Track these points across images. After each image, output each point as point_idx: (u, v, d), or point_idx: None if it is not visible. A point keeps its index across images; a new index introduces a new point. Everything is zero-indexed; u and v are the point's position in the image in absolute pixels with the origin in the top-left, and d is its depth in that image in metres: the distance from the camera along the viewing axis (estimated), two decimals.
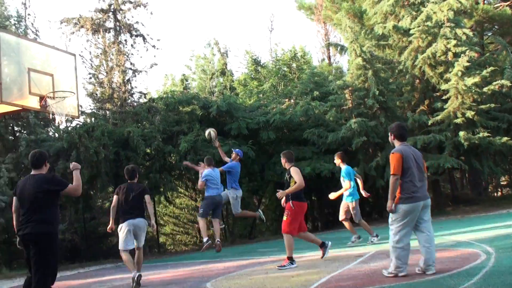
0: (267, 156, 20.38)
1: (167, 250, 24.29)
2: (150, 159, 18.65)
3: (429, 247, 6.41)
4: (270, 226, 25.58)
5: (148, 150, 18.44)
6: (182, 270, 10.73)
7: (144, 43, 20.14)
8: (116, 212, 8.79)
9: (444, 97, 18.49)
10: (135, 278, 8.11)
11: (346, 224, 11.41)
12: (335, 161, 11.54)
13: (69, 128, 17.67)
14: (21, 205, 6.11)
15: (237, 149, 12.41)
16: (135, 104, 20.07)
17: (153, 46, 20.30)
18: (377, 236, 10.98)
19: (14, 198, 6.26)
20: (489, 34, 25.34)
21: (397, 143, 6.60)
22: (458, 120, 17.65)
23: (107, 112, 19.63)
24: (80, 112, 15.01)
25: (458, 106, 17.74)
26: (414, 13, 20.09)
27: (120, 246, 8.55)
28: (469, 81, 17.36)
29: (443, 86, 18.42)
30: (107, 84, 19.82)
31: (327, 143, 18.75)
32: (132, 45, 20.08)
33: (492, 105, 17.95)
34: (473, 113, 17.55)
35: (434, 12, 18.94)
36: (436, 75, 19.08)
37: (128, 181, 8.92)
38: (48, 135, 17.80)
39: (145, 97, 20.67)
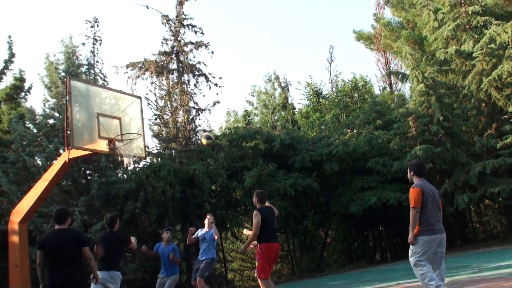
0: (332, 187, 20.27)
1: (236, 286, 24.29)
2: (215, 196, 18.86)
3: (442, 278, 6.56)
4: (338, 259, 25.26)
5: (213, 187, 18.66)
6: None
7: (207, 82, 20.61)
8: None
9: None
10: None
11: None
12: None
13: (137, 169, 18.14)
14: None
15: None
16: (200, 142, 20.44)
17: (215, 84, 20.73)
18: None
19: (39, 251, 6.51)
20: None
21: (416, 179, 6.79)
22: None
23: (173, 151, 20.06)
24: (147, 153, 15.44)
25: None
26: (476, 36, 19.75)
27: None
28: None
29: (511, 109, 17.90)
30: (172, 124, 20.29)
31: (392, 172, 18.48)
32: (195, 85, 20.60)
33: None
34: None
35: (498, 34, 18.55)
36: (503, 97, 18.57)
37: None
38: (117, 177, 18.30)
39: None
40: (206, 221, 10.76)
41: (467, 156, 18.37)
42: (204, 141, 12.15)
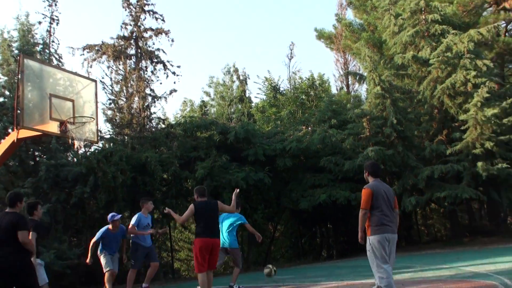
0: (283, 183, 20.39)
1: (182, 276, 24.20)
2: (166, 184, 18.71)
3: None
4: (285, 253, 25.45)
5: (165, 176, 18.50)
6: None
7: (165, 70, 20.38)
8: None
9: (462, 128, 18.38)
10: None
11: None
12: None
13: (88, 153, 17.82)
14: None
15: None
16: (154, 129, 20.22)
17: (173, 73, 20.52)
18: None
19: None
20: (510, 66, 25.24)
21: (370, 179, 6.97)
22: (477, 151, 17.51)
23: (126, 137, 19.78)
24: (99, 137, 15.19)
25: (477, 136, 17.63)
26: (434, 44, 20.13)
27: None
28: (489, 111, 17.26)
29: (462, 117, 18.34)
30: (126, 110, 20.01)
31: (344, 171, 18.72)
32: (152, 72, 20.33)
33: None
34: (492, 144, 17.40)
35: (455, 43, 18.95)
36: (455, 105, 19.01)
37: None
38: (67, 160, 17.94)
39: (163, 123, 20.83)
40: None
41: (417, 160, 18.77)
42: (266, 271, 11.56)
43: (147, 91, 20.15)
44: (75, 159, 18.21)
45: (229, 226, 10.58)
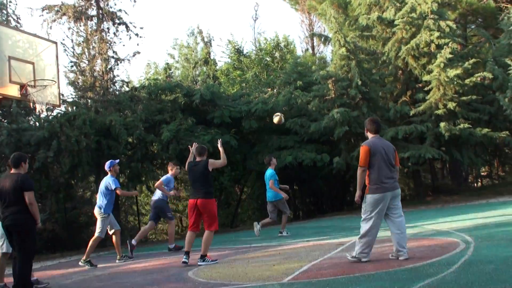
0: (250, 145, 20.41)
1: (149, 240, 24.23)
2: (132, 148, 18.54)
3: (400, 233, 6.75)
4: (252, 215, 25.64)
5: (130, 139, 18.31)
6: (164, 259, 10.70)
7: (127, 32, 19.88)
8: None
9: (426, 88, 18.57)
10: None
11: None
12: None
13: (50, 117, 17.48)
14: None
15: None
16: (117, 93, 19.88)
17: (136, 35, 20.09)
18: None
19: None
20: (473, 26, 25.45)
21: (369, 136, 6.84)
22: (440, 111, 17.75)
23: (89, 101, 19.39)
24: (61, 100, 14.86)
25: (440, 97, 17.85)
26: (398, 4, 20.10)
27: None
28: (451, 72, 17.45)
29: (425, 77, 18.51)
30: (89, 73, 19.58)
31: (310, 133, 18.80)
32: (114, 33, 19.82)
33: (474, 96, 18.05)
34: (454, 104, 17.66)
35: (419, 4, 18.96)
36: (419, 66, 19.16)
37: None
38: (29, 124, 17.57)
39: (127, 86, 20.50)
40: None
41: (382, 121, 18.93)
42: (276, 119, 12.65)
43: (110, 53, 19.69)
44: (37, 123, 17.82)
45: (268, 182, 12.59)
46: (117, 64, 19.86)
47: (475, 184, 27.69)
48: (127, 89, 20.15)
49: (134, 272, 8.74)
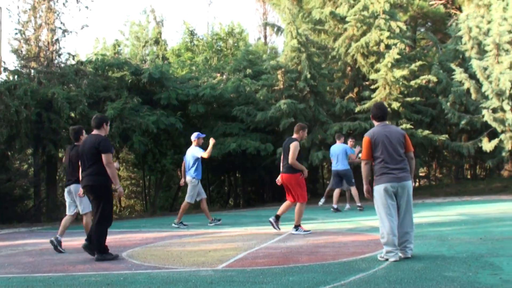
0: (195, 129, 20.27)
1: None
2: (74, 123, 18.09)
3: (408, 233, 6.25)
4: None
5: (73, 114, 17.86)
6: None
7: (77, 3, 19.34)
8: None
9: (372, 87, 18.88)
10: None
11: None
12: None
13: None
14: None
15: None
16: (62, 65, 19.31)
17: (86, 7, 19.70)
18: None
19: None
20: (422, 30, 26.05)
21: (375, 123, 6.49)
22: None
23: (32, 71, 18.78)
24: (2, 68, 14.35)
25: (385, 96, 18.18)
26: (352, 1, 20.30)
27: None
28: (398, 73, 17.81)
29: (373, 76, 18.81)
30: (34, 42, 18.93)
31: (256, 122, 18.84)
32: (64, 4, 19.22)
33: (418, 98, 18.49)
34: (398, 104, 18.02)
35: (371, 3, 19.21)
36: (367, 64, 19.45)
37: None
38: None
39: (73, 59, 19.92)
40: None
41: (327, 115, 19.17)
42: None
43: (57, 23, 19.10)
44: None
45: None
46: (64, 36, 19.24)
47: (413, 184, 28.35)
48: (73, 62, 19.56)
49: (67, 250, 8.55)
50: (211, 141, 11.56)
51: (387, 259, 6.08)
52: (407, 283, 4.89)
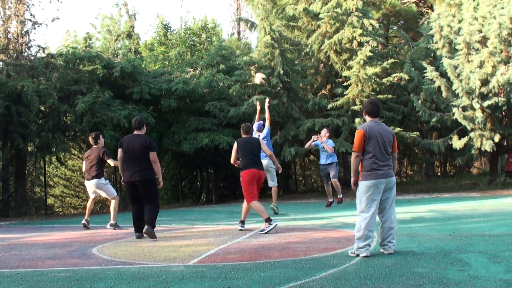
0: (167, 124, 20.20)
1: (55, 213, 23.55)
2: (43, 117, 17.85)
3: (391, 228, 6.37)
4: (165, 196, 25.46)
5: (42, 108, 17.61)
6: (69, 234, 10.40)
7: None
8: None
9: (345, 84, 18.99)
10: None
11: None
12: None
13: None
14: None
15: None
16: (32, 58, 19.00)
17: None
18: None
19: (120, 149, 8.67)
20: (394, 28, 26.29)
21: (367, 119, 6.49)
22: (356, 107, 18.20)
23: (0, 63, 18.45)
24: None
25: (358, 93, 18.29)
26: None
27: None
28: (370, 70, 17.93)
29: (345, 73, 18.90)
30: (2, 34, 18.60)
31: (228, 117, 18.81)
32: None
33: (390, 96, 18.64)
34: None
35: (345, 0, 19.31)
36: (340, 61, 19.54)
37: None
38: None
39: (43, 52, 19.61)
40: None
41: (300, 112, 19.23)
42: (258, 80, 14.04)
43: (27, 15, 18.80)
44: None
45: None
46: (34, 28, 18.96)
47: None
48: (43, 55, 19.26)
49: (36, 245, 8.43)
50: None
51: (357, 255, 6.13)
52: (377, 279, 4.93)
